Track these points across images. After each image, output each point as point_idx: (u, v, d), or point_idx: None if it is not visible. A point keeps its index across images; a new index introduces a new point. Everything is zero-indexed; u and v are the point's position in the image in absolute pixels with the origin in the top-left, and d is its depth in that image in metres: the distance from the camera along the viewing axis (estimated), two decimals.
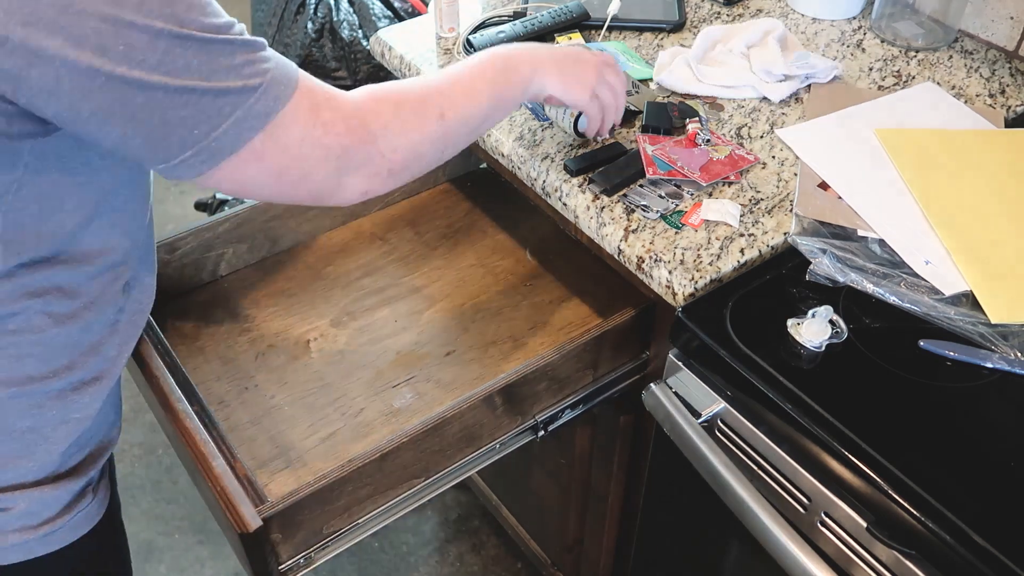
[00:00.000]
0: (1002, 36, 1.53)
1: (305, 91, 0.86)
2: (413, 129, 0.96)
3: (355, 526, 1.14)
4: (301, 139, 0.86)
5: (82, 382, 0.99)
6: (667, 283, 1.16)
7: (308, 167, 0.88)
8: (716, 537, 1.28)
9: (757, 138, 1.36)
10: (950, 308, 1.09)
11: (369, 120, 0.92)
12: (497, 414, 1.19)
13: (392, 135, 0.94)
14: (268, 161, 0.85)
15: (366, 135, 0.92)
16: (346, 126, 0.90)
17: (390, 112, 0.95)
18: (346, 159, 0.91)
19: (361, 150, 0.92)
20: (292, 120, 0.85)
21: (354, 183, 0.93)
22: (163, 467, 2.42)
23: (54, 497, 1.01)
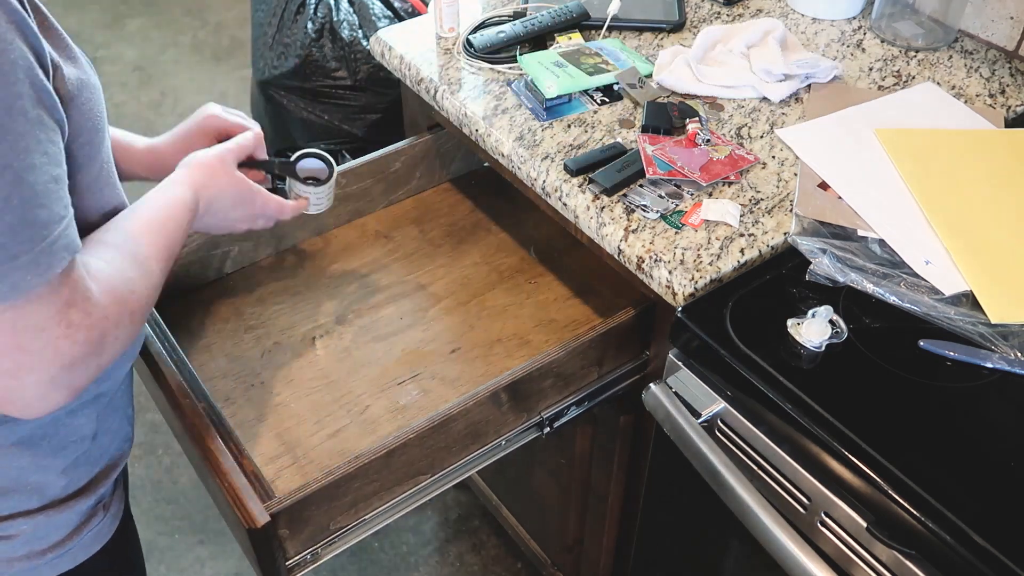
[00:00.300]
0: (1002, 36, 1.54)
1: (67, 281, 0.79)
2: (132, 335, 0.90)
3: (361, 522, 1.14)
4: (39, 329, 0.78)
5: (80, 406, 0.97)
6: (667, 283, 1.16)
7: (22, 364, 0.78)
8: (716, 537, 1.29)
9: (757, 138, 1.36)
10: (950, 308, 1.09)
11: (108, 331, 0.84)
12: (503, 411, 1.20)
13: (116, 347, 0.87)
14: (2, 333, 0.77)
15: (99, 348, 0.83)
16: (87, 336, 0.81)
17: (126, 323, 0.87)
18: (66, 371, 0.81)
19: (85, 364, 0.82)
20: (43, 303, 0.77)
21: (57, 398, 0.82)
22: (163, 467, 2.43)
23: (63, 520, 0.99)
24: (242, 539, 1.09)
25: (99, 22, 4.12)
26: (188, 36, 4.01)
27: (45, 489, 0.97)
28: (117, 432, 1.05)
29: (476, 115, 1.42)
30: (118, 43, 3.98)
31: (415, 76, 1.53)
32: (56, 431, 0.95)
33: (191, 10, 4.17)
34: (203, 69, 3.81)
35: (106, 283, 0.85)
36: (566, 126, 1.38)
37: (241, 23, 4.02)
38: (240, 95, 3.60)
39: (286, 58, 2.35)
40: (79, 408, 0.96)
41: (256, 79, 2.48)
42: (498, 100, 1.44)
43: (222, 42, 3.96)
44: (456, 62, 1.53)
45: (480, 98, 1.45)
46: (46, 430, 0.94)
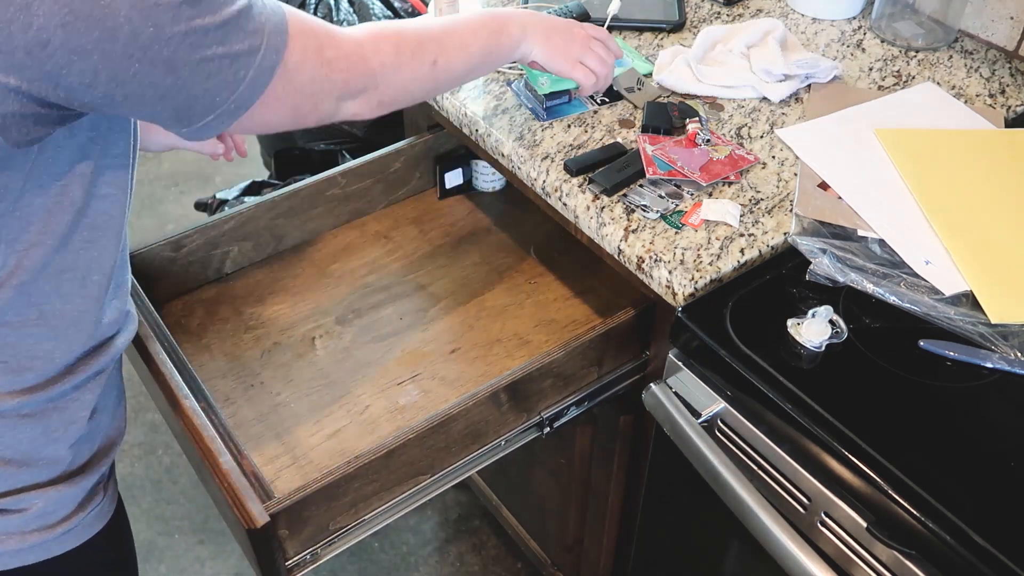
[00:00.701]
0: (1002, 36, 1.54)
1: (302, 33, 0.90)
2: (408, 70, 1.05)
3: (361, 523, 1.14)
4: (311, 79, 0.92)
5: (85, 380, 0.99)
6: (667, 283, 1.16)
7: (316, 101, 0.95)
8: (716, 537, 1.29)
9: (757, 138, 1.36)
10: (950, 308, 1.09)
11: (369, 57, 0.99)
12: (503, 411, 1.20)
13: (389, 72, 1.02)
14: (283, 103, 0.91)
15: (366, 71, 0.99)
16: (348, 63, 0.97)
17: (389, 51, 1.02)
18: (347, 91, 0.98)
19: (360, 83, 0.99)
20: (299, 64, 0.90)
21: (349, 107, 1.00)
22: (163, 467, 2.43)
23: (70, 495, 1.01)
24: (242, 539, 1.09)
25: None
26: None
27: (55, 463, 0.99)
28: (113, 411, 1.08)
29: (476, 115, 1.42)
30: None
31: None
32: (65, 405, 0.98)
33: None
34: None
35: (366, 26, 1.02)
36: (566, 126, 1.38)
37: None
38: None
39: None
40: (84, 382, 0.99)
41: None
42: (498, 100, 1.44)
43: None
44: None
45: (480, 98, 1.45)
46: (56, 403, 0.97)
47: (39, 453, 0.98)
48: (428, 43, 1.07)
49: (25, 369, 0.93)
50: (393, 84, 1.04)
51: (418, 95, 1.10)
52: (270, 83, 0.88)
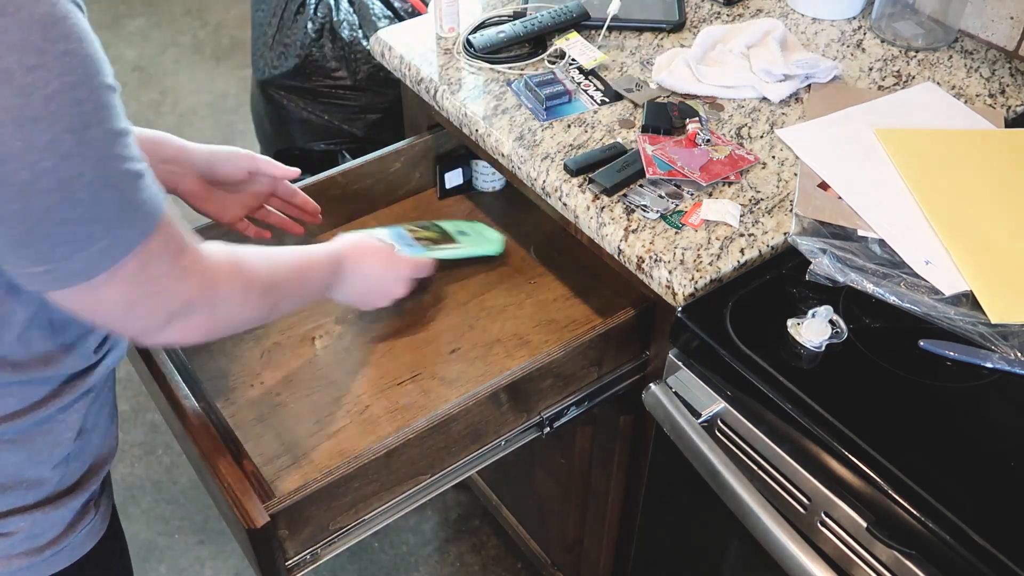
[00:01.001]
0: (1002, 36, 1.54)
1: (168, 229, 0.85)
2: (247, 310, 1.01)
3: (361, 523, 1.14)
4: (159, 276, 0.85)
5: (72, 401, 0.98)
6: (667, 283, 1.16)
7: (153, 306, 0.87)
8: (716, 537, 1.29)
9: (757, 138, 1.36)
10: (950, 308, 1.09)
11: (220, 286, 0.94)
12: (503, 411, 1.20)
13: (230, 308, 0.97)
14: (123, 291, 0.83)
15: (211, 298, 0.93)
16: (199, 281, 0.90)
17: (239, 289, 0.97)
18: (184, 309, 0.90)
19: (198, 309, 0.92)
20: (159, 255, 0.84)
21: (174, 332, 0.92)
22: (163, 467, 2.43)
23: (58, 516, 1.00)
24: (242, 539, 1.09)
25: (99, 22, 4.11)
26: (188, 36, 4.01)
27: (40, 486, 0.98)
28: (104, 430, 1.06)
29: (476, 115, 1.42)
30: (118, 43, 3.98)
31: (415, 76, 1.53)
32: (50, 427, 0.96)
33: (191, 10, 4.17)
34: (203, 69, 3.81)
35: (220, 248, 0.96)
36: (566, 126, 1.38)
37: (241, 23, 4.02)
38: (240, 95, 3.60)
39: (286, 58, 2.35)
40: (70, 404, 0.97)
41: (256, 79, 2.48)
42: (498, 100, 1.44)
43: (222, 42, 3.96)
44: (456, 62, 1.53)
45: (480, 98, 1.45)
46: (40, 426, 0.95)
47: (22, 475, 0.96)
48: (274, 290, 1.04)
49: (6, 396, 0.92)
50: (228, 317, 0.98)
51: (242, 328, 1.05)
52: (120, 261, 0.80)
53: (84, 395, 0.99)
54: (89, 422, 1.01)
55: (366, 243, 1.26)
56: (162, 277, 0.86)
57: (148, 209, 0.81)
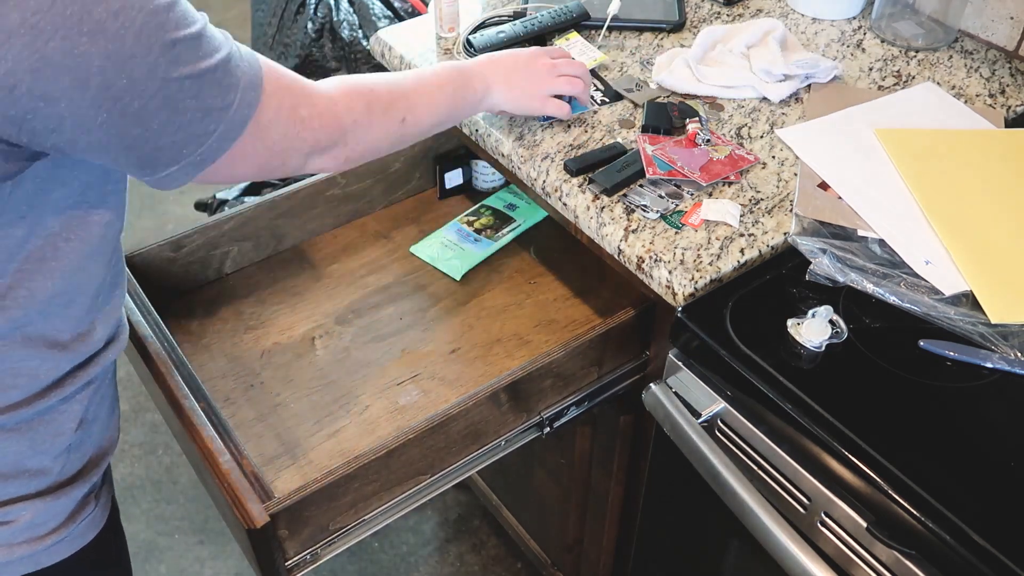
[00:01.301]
0: (1002, 36, 1.54)
1: (277, 90, 0.92)
2: (378, 128, 1.07)
3: (361, 523, 1.14)
4: (282, 136, 0.93)
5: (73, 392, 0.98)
6: (667, 283, 1.16)
7: (285, 157, 0.96)
8: (716, 537, 1.29)
9: (757, 138, 1.36)
10: (950, 308, 1.09)
11: (342, 115, 1.01)
12: (503, 411, 1.20)
13: (360, 131, 1.04)
14: (251, 158, 0.92)
15: (338, 129, 1.01)
16: (320, 121, 0.98)
17: (361, 109, 1.04)
18: (316, 148, 0.99)
19: (330, 141, 1.01)
20: (272, 121, 0.91)
21: (315, 163, 1.02)
22: (163, 467, 2.43)
23: (60, 506, 1.00)
24: (242, 539, 1.09)
25: None
26: None
27: (42, 475, 0.99)
28: (105, 422, 1.07)
29: (476, 115, 1.42)
30: None
31: None
32: (52, 417, 0.97)
33: None
34: None
35: (336, 81, 1.04)
36: (566, 126, 1.38)
37: (241, 23, 4.01)
38: None
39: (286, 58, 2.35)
40: (72, 395, 0.98)
41: None
42: None
43: None
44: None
45: None
46: (42, 417, 0.96)
47: (24, 464, 0.97)
48: (398, 101, 1.10)
49: (9, 387, 0.93)
50: (362, 142, 1.05)
51: (384, 151, 1.12)
52: (239, 138, 0.88)
53: (86, 386, 1.00)
54: (90, 413, 1.02)
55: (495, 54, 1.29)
56: (284, 137, 0.94)
57: (245, 84, 0.87)
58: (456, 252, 1.49)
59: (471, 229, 1.52)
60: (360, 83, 1.06)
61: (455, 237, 1.52)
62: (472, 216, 1.56)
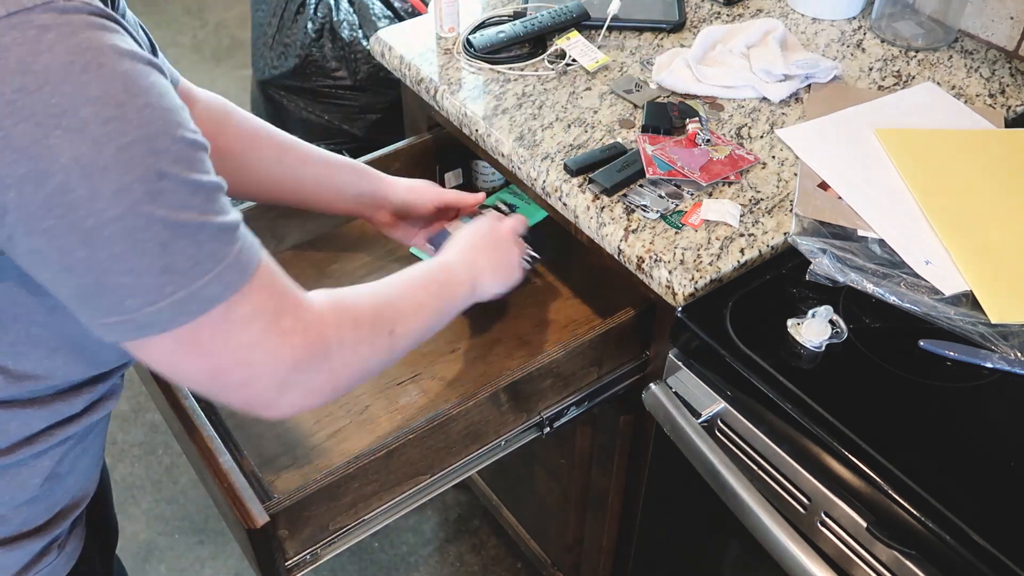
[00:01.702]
0: (1002, 36, 1.54)
1: (266, 287, 0.81)
2: (366, 345, 0.93)
3: (361, 523, 1.14)
4: (253, 343, 0.80)
5: (46, 449, 0.92)
6: (667, 283, 1.16)
7: (251, 374, 0.82)
8: (716, 537, 1.29)
9: (757, 138, 1.36)
10: (950, 308, 1.09)
11: (328, 334, 0.87)
12: (502, 411, 1.20)
13: (346, 352, 0.89)
14: (206, 354, 0.79)
15: (323, 350, 0.86)
16: (305, 338, 0.84)
17: (349, 327, 0.90)
18: (294, 374, 0.84)
19: (312, 366, 0.86)
20: (247, 319, 0.79)
21: (292, 399, 0.86)
22: (163, 467, 2.43)
23: (11, 558, 0.95)
24: (242, 539, 1.09)
25: None
26: (188, 36, 4.01)
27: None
28: (83, 474, 1.01)
29: (476, 115, 1.42)
30: None
31: (415, 76, 1.53)
32: (18, 471, 0.91)
33: (191, 10, 4.17)
34: (203, 69, 3.81)
35: (324, 294, 0.90)
36: (566, 126, 1.38)
37: (241, 23, 4.02)
38: (240, 95, 3.60)
39: (286, 58, 2.35)
40: (45, 450, 0.92)
41: (256, 79, 2.48)
42: (498, 100, 1.44)
43: (222, 42, 3.96)
44: (456, 62, 1.53)
45: (480, 98, 1.45)
46: (7, 469, 0.90)
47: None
48: (384, 311, 0.97)
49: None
50: (350, 364, 0.91)
51: (375, 371, 0.98)
52: (198, 319, 0.76)
53: (62, 442, 0.94)
54: (64, 467, 0.96)
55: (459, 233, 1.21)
56: (256, 346, 0.81)
57: (235, 265, 0.77)
58: None
59: None
60: (346, 296, 0.93)
61: None
62: (473, 216, 1.55)
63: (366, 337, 0.93)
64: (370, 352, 0.94)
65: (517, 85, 1.47)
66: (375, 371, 0.98)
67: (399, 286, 1.02)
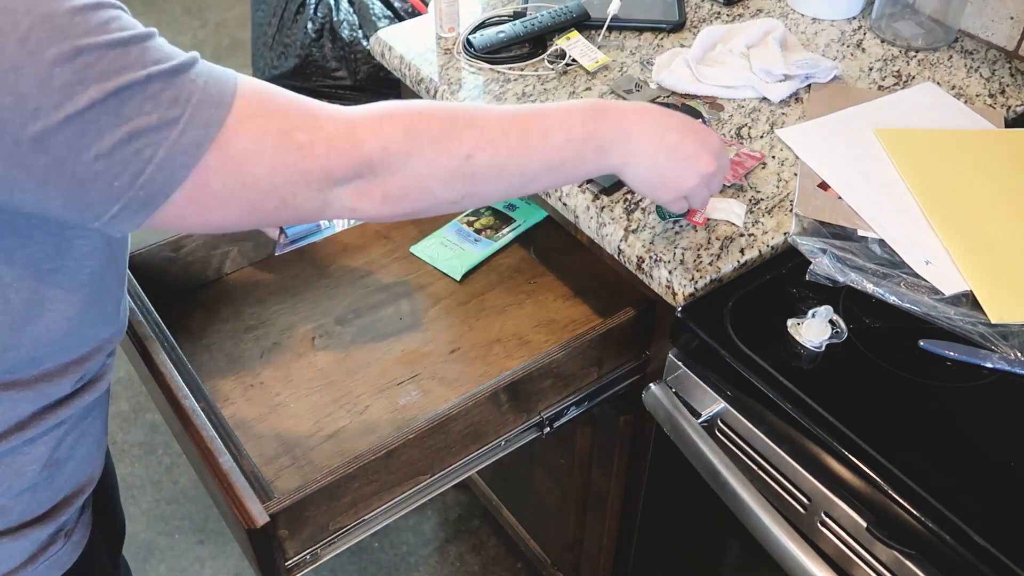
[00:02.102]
0: (1002, 36, 1.54)
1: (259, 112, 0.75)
2: (424, 158, 0.82)
3: (361, 523, 1.14)
4: (274, 169, 0.75)
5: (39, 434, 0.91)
6: (667, 283, 1.16)
7: (286, 196, 0.77)
8: (716, 537, 1.29)
9: (757, 138, 1.36)
10: (950, 308, 1.09)
11: (363, 139, 0.79)
12: (502, 411, 1.20)
13: (393, 158, 0.80)
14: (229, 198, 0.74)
15: (358, 156, 0.79)
16: (329, 147, 0.78)
17: (397, 133, 0.81)
18: (333, 179, 0.79)
19: (351, 171, 0.79)
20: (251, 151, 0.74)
21: (342, 200, 0.80)
22: (163, 467, 2.43)
23: (17, 548, 0.93)
24: (241, 539, 1.09)
25: None
26: (188, 36, 4.01)
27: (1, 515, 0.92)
28: (85, 459, 1.00)
29: None
30: None
31: (415, 76, 1.53)
32: (13, 459, 0.89)
33: (191, 10, 4.17)
34: None
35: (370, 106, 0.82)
36: None
37: (241, 23, 4.02)
38: None
39: (286, 58, 2.35)
40: (38, 436, 0.90)
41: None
42: (498, 100, 1.44)
43: (222, 42, 3.96)
44: (456, 62, 1.53)
45: (480, 98, 1.45)
46: (3, 455, 0.88)
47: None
48: (464, 131, 0.83)
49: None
50: (399, 173, 0.81)
51: (441, 197, 0.85)
52: (195, 169, 0.71)
53: (56, 427, 0.92)
54: (62, 453, 0.94)
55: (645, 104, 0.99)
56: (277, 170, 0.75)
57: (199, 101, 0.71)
58: (456, 252, 1.49)
59: (471, 229, 1.52)
60: (408, 106, 0.83)
61: (455, 237, 1.52)
62: (472, 216, 1.56)
63: (424, 149, 0.82)
64: (430, 168, 0.82)
65: (517, 85, 1.47)
66: (440, 195, 0.85)
67: (501, 112, 0.88)
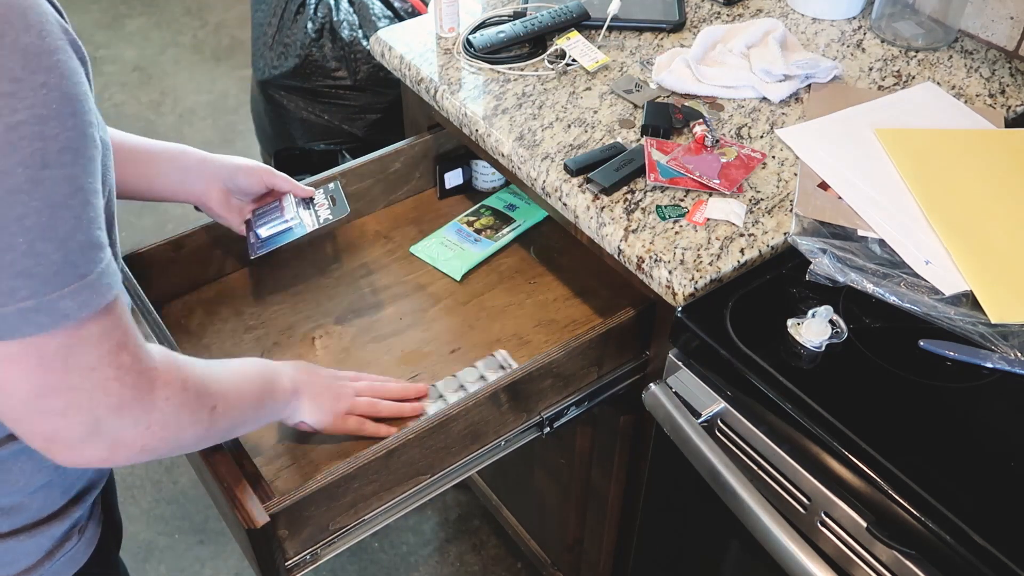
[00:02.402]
0: (1002, 36, 1.54)
1: (119, 320, 0.78)
2: (187, 412, 0.89)
3: (361, 523, 1.14)
4: (90, 368, 0.77)
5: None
6: (667, 283, 1.16)
7: (74, 401, 0.77)
8: (716, 537, 1.29)
9: (757, 138, 1.36)
10: (950, 308, 1.09)
11: (158, 385, 0.84)
12: (502, 411, 1.20)
13: (168, 411, 0.86)
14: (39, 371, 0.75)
15: (148, 400, 0.83)
16: (137, 380, 0.81)
17: (177, 386, 0.87)
18: (113, 416, 0.80)
19: (132, 414, 0.82)
20: (94, 344, 0.76)
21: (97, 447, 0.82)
22: (163, 467, 2.43)
23: (34, 544, 0.95)
24: (242, 539, 1.09)
25: (99, 22, 4.12)
26: (188, 36, 4.01)
27: (16, 513, 0.93)
28: None
29: (476, 115, 1.42)
30: (118, 43, 3.98)
31: (415, 76, 1.53)
32: (30, 455, 0.90)
33: (191, 10, 4.17)
34: (203, 69, 3.81)
35: (162, 350, 0.86)
36: (566, 126, 1.38)
37: (241, 23, 4.02)
38: (240, 95, 3.60)
39: (286, 58, 2.35)
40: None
41: (256, 79, 2.48)
42: (498, 100, 1.44)
43: (222, 42, 3.96)
44: (456, 62, 1.53)
45: (480, 98, 1.45)
46: (17, 455, 0.90)
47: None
48: (211, 385, 0.93)
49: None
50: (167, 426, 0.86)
51: (186, 445, 0.94)
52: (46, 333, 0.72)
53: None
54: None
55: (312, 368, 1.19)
56: (91, 372, 0.77)
57: (95, 286, 0.74)
58: (456, 252, 1.49)
59: (471, 229, 1.52)
60: (180, 359, 0.90)
61: (455, 237, 1.52)
62: (472, 216, 1.56)
63: (190, 403, 0.89)
64: (189, 421, 0.90)
65: (517, 85, 1.47)
66: (187, 446, 0.94)
67: (229, 370, 1.00)
